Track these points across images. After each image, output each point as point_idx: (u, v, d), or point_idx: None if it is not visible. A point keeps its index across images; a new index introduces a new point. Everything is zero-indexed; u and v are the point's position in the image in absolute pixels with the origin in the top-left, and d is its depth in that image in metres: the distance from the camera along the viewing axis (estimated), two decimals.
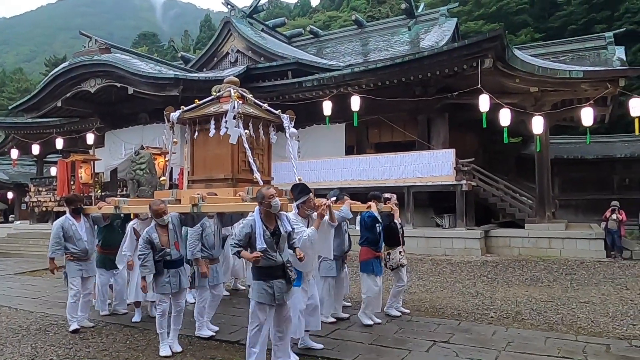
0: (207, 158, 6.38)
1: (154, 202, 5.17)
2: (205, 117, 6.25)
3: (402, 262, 6.33)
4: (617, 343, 5.13)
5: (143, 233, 5.12)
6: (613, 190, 20.35)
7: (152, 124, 16.92)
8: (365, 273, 5.99)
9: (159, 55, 45.90)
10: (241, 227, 4.29)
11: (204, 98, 6.50)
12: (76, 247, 5.98)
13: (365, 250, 6.01)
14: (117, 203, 5.84)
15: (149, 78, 14.12)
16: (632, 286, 8.39)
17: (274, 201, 4.18)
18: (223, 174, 6.17)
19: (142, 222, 6.22)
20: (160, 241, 5.01)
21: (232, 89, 6.23)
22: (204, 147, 6.41)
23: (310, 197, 4.72)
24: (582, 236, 12.28)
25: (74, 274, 5.96)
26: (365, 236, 6.02)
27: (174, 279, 5.04)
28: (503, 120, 11.76)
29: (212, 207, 5.31)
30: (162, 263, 5.01)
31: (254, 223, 4.17)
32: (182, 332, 5.28)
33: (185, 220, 5.30)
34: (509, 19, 33.85)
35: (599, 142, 21.20)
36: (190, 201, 5.00)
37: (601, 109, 14.04)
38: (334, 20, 45.64)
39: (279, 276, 4.20)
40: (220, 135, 5.98)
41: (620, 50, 15.86)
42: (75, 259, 5.98)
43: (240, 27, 19.24)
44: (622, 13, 30.83)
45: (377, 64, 14.32)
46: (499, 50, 12.08)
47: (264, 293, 4.16)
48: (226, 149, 6.10)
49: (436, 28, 19.94)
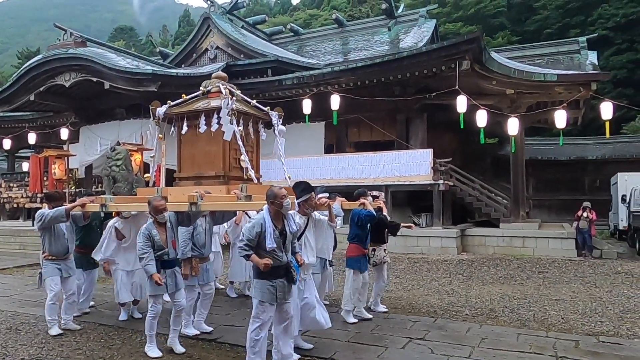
0: (196, 155, 6.18)
1: (154, 198, 5.00)
2: (195, 112, 6.03)
3: (385, 259, 6.45)
4: (586, 339, 5.29)
5: (142, 229, 4.89)
6: (584, 191, 20.94)
7: (129, 120, 16.67)
8: (352, 270, 6.01)
9: (137, 50, 45.10)
10: (250, 227, 4.15)
11: (182, 94, 6.38)
12: (57, 245, 5.67)
13: (354, 247, 6.03)
14: (104, 201, 5.60)
15: (126, 73, 13.90)
16: (600, 284, 8.65)
17: (285, 201, 4.13)
18: (214, 172, 5.99)
19: (124, 221, 6.02)
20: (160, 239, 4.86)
21: (221, 84, 6.08)
22: (193, 144, 6.21)
23: (312, 196, 4.70)
24: (555, 235, 12.60)
25: (51, 273, 5.63)
26: (356, 233, 6.01)
27: (170, 279, 4.89)
28: (480, 121, 11.97)
29: (213, 206, 5.13)
30: (159, 263, 4.84)
31: (264, 222, 4.10)
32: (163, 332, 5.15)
33: (180, 219, 5.15)
34: (487, 21, 34.44)
35: (571, 144, 21.80)
36: (188, 199, 4.85)
37: (574, 111, 14.42)
38: (315, 18, 45.65)
39: (282, 275, 4.16)
40: (209, 131, 5.80)
41: (593, 54, 16.31)
42: (54, 259, 5.67)
43: (220, 23, 19.07)
44: (596, 19, 31.69)
45: (357, 64, 14.40)
46: (477, 53, 12.29)
47: (267, 292, 4.11)
48: (217, 146, 5.92)
49: (416, 29, 20.13)
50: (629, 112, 21.10)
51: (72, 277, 5.87)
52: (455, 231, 12.79)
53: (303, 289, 4.73)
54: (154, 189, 5.82)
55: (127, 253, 6.02)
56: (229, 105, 5.55)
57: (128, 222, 6.01)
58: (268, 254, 4.08)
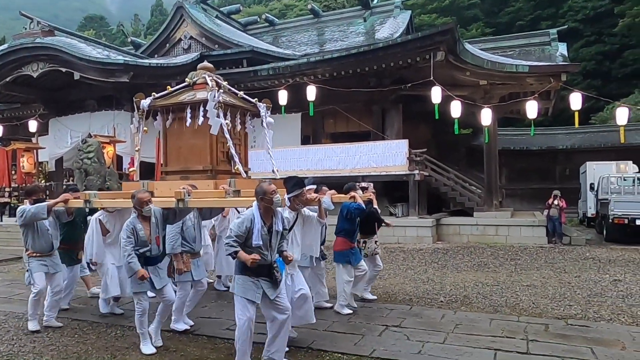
0: (182, 148, 5.97)
1: (139, 190, 4.85)
2: (181, 105, 5.82)
3: (377, 250, 6.49)
4: (555, 322, 5.46)
5: (125, 224, 4.73)
6: (555, 179, 21.51)
7: (101, 111, 16.31)
8: (341, 264, 5.95)
9: (107, 39, 44.01)
10: (240, 222, 4.05)
11: (155, 85, 6.27)
12: (40, 242, 5.45)
13: (342, 241, 5.95)
14: (88, 197, 5.36)
15: (97, 63, 13.58)
16: (570, 270, 8.93)
17: (275, 197, 4.04)
18: (201, 166, 5.80)
19: (109, 214, 5.85)
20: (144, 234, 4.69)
21: (208, 75, 5.89)
22: (179, 137, 5.98)
23: (303, 192, 4.62)
24: (526, 224, 12.93)
25: (37, 269, 5.42)
26: (344, 227, 5.93)
27: (154, 276, 4.75)
28: (454, 112, 12.12)
29: (201, 202, 4.99)
30: (142, 259, 4.67)
31: (254, 218, 4.00)
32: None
33: (166, 215, 4.97)
34: (461, 13, 34.79)
35: (542, 134, 22.30)
36: (175, 195, 4.70)
37: (545, 102, 14.76)
38: (290, 8, 45.27)
39: (265, 275, 4.07)
40: (196, 124, 5.63)
41: (563, 46, 16.67)
42: (39, 255, 5.45)
43: (193, 12, 18.75)
44: (566, 11, 32.38)
45: (333, 54, 14.40)
46: (451, 44, 12.42)
47: (248, 288, 4.03)
48: (204, 139, 5.74)
49: (391, 20, 20.19)
50: (597, 103, 21.71)
51: (58, 274, 5.66)
52: (430, 220, 12.99)
53: (292, 283, 4.63)
54: (140, 182, 5.63)
55: (112, 248, 5.89)
56: (215, 98, 5.38)
57: (113, 216, 5.84)
58: (255, 251, 3.99)
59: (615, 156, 18.30)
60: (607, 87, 28.79)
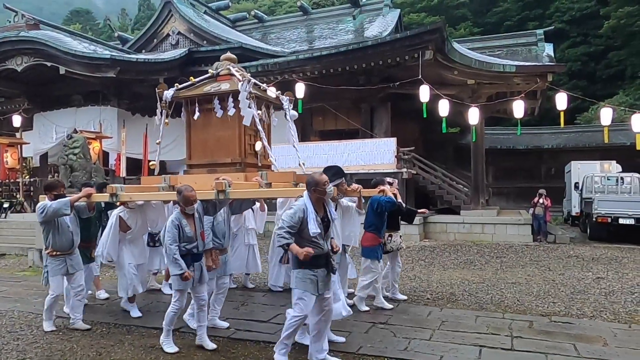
0: (208, 141, 5.74)
1: (186, 188, 4.59)
2: (207, 96, 5.60)
3: (401, 245, 6.43)
4: (539, 319, 5.54)
5: (170, 220, 4.55)
6: (541, 178, 21.76)
7: (87, 107, 16.11)
8: (369, 259, 5.85)
9: (94, 34, 43.43)
10: (292, 213, 3.94)
11: (143, 80, 6.19)
12: (61, 239, 5.22)
13: (372, 237, 5.83)
14: (115, 190, 5.15)
15: (83, 58, 13.41)
16: (554, 267, 9.06)
17: (329, 187, 4.00)
18: (229, 158, 5.58)
19: (130, 210, 5.61)
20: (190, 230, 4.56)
21: (232, 66, 5.74)
22: (204, 129, 5.75)
23: (343, 181, 4.53)
24: (512, 222, 13.08)
25: (55, 272, 5.22)
26: (373, 222, 5.81)
27: (197, 273, 4.64)
28: (442, 111, 12.14)
29: (242, 193, 4.86)
30: (189, 256, 4.55)
31: (306, 208, 3.93)
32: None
33: (206, 208, 4.87)
34: (450, 12, 34.98)
35: (529, 133, 22.55)
36: (216, 186, 4.58)
37: (531, 102, 14.91)
38: (279, 5, 45.12)
39: (322, 265, 4.01)
40: (227, 116, 5.44)
41: (550, 47, 16.86)
42: (59, 254, 5.22)
43: (181, 8, 18.61)
44: (553, 12, 32.73)
45: (322, 52, 14.39)
46: (439, 43, 12.49)
47: (308, 282, 3.95)
48: (231, 131, 5.54)
49: (380, 18, 20.25)
50: (582, 103, 21.99)
51: (79, 272, 5.41)
52: (417, 218, 13.05)
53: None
54: (162, 177, 5.40)
55: (132, 245, 5.74)
56: (247, 89, 5.20)
57: (134, 212, 5.63)
58: (309, 242, 3.92)
59: (599, 156, 18.56)
60: (592, 88, 29.18)
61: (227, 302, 6.28)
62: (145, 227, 5.90)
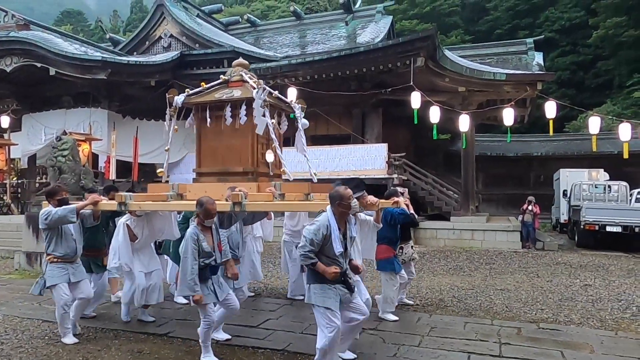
0: (219, 149, 5.56)
1: (208, 200, 4.35)
2: (219, 103, 5.41)
3: (414, 256, 6.39)
4: (527, 326, 5.57)
5: (189, 235, 4.32)
6: (530, 186, 21.95)
7: (77, 108, 15.98)
8: (386, 272, 5.76)
9: (85, 35, 43.20)
10: (315, 229, 3.76)
11: (134, 83, 6.13)
12: (64, 246, 4.99)
13: (385, 249, 5.68)
14: (124, 198, 4.92)
15: (74, 59, 13.32)
16: (542, 274, 9.13)
17: (354, 202, 3.87)
18: (241, 167, 5.41)
19: (137, 218, 5.36)
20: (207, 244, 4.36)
21: (244, 73, 5.59)
22: (215, 137, 5.56)
23: (364, 194, 4.40)
24: (501, 228, 13.18)
25: (58, 279, 4.92)
26: (386, 234, 5.61)
27: (217, 286, 4.48)
28: (433, 118, 12.23)
29: (260, 206, 4.68)
30: (208, 269, 4.37)
31: (329, 224, 3.75)
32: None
33: (221, 220, 4.69)
34: (442, 20, 35.29)
35: (518, 141, 22.76)
36: (232, 198, 4.44)
37: (521, 109, 15.06)
38: (272, 10, 45.25)
39: (340, 281, 3.87)
40: (234, 123, 5.29)
41: (540, 55, 17.07)
42: (61, 261, 4.96)
43: (174, 11, 18.56)
44: (543, 21, 33.16)
45: (315, 57, 14.44)
46: (431, 50, 12.59)
47: (328, 297, 3.79)
48: (243, 139, 5.38)
49: (372, 25, 20.36)
50: (571, 112, 22.25)
51: (83, 282, 5.15)
52: None
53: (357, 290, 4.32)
54: (170, 185, 5.28)
55: (140, 254, 5.51)
56: (262, 96, 5.06)
57: (141, 220, 5.39)
58: (330, 259, 3.77)
59: (587, 164, 18.78)
60: (581, 97, 29.57)
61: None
62: (152, 236, 5.61)
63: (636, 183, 18.75)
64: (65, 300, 4.90)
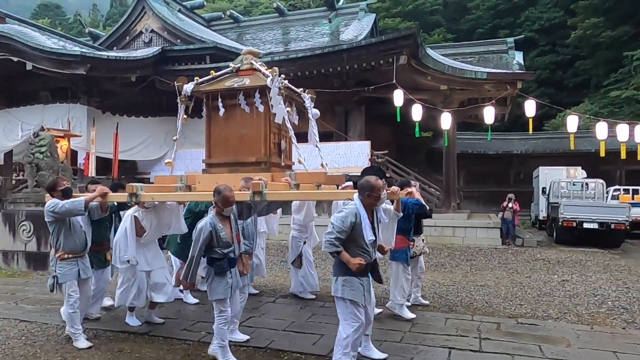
0: (230, 138, 5.35)
1: (225, 188, 4.21)
2: (232, 91, 5.21)
3: (425, 249, 6.34)
4: (507, 321, 5.67)
5: (204, 224, 4.15)
6: (510, 183, 22.29)
7: (55, 104, 15.63)
8: (399, 262, 5.70)
9: (63, 29, 42.39)
10: (343, 217, 3.68)
11: (114, 78, 6.00)
12: (73, 240, 4.77)
13: (400, 239, 5.56)
14: (135, 189, 4.69)
15: (52, 54, 13.02)
16: (521, 270, 9.29)
17: (383, 193, 3.82)
18: (254, 157, 5.22)
19: (145, 210, 5.13)
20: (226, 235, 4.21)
21: (255, 61, 5.43)
22: (226, 126, 5.36)
23: (385, 183, 4.31)
24: (482, 225, 13.35)
25: (69, 276, 4.71)
26: (400, 224, 5.45)
27: (235, 279, 4.33)
28: (415, 115, 12.35)
29: (281, 195, 4.54)
30: (226, 261, 4.21)
31: (359, 212, 3.70)
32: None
33: (240, 211, 4.55)
34: (424, 18, 35.52)
35: (499, 139, 23.10)
36: (253, 187, 4.28)
37: (502, 108, 15.25)
38: (255, 6, 44.99)
39: (366, 274, 3.82)
40: (245, 113, 5.15)
41: (520, 55, 17.31)
42: (71, 257, 4.76)
43: (155, 5, 18.32)
44: (523, 21, 33.63)
45: (298, 54, 14.39)
46: (414, 48, 12.66)
47: (356, 290, 3.72)
48: (257, 128, 5.20)
49: (356, 22, 20.39)
50: (550, 110, 22.64)
51: (89, 279, 4.98)
52: None
53: None
54: (178, 176, 5.12)
55: (145, 250, 5.25)
56: (277, 84, 4.87)
57: (149, 212, 5.13)
58: (358, 249, 3.72)
59: (565, 162, 19.16)
60: (560, 96, 30.08)
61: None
62: (159, 230, 5.36)
63: (612, 180, 19.27)
64: (74, 298, 4.72)
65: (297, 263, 6.52)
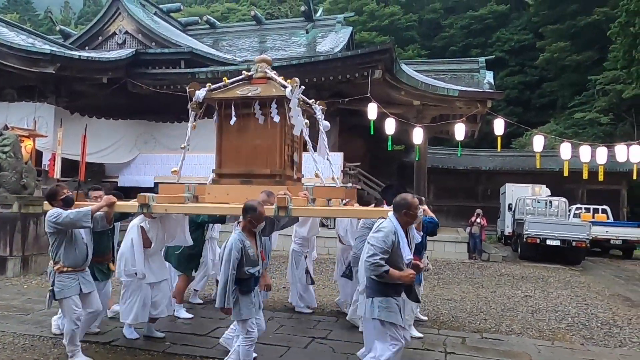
0: (242, 149, 5.14)
1: (259, 203, 4.02)
2: (246, 100, 5.00)
3: (428, 267, 6.25)
4: (472, 335, 5.77)
5: (234, 241, 3.94)
6: (478, 198, 22.79)
7: (21, 102, 15.14)
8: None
9: (33, 25, 41.20)
10: (384, 236, 3.56)
11: (84, 79, 5.85)
12: (75, 253, 4.42)
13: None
14: (147, 200, 4.44)
15: (19, 51, 12.68)
16: (487, 285, 9.48)
17: (420, 211, 3.74)
18: (269, 169, 5.01)
19: (151, 221, 4.91)
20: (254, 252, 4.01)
21: (269, 70, 5.30)
22: (239, 136, 5.15)
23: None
24: (450, 239, 13.57)
25: (71, 291, 4.35)
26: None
27: (257, 298, 4.17)
28: (388, 129, 12.49)
29: (305, 211, 4.36)
30: (252, 280, 4.02)
31: (396, 230, 3.60)
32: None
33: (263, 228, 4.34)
34: (399, 33, 36.21)
35: (468, 155, 23.62)
36: (279, 202, 4.11)
37: (472, 125, 15.64)
38: (233, 12, 44.89)
39: (401, 293, 3.73)
40: (258, 123, 4.97)
41: (490, 74, 17.83)
42: (71, 270, 4.40)
43: (130, 7, 18.05)
44: (494, 41, 34.72)
45: (274, 64, 14.38)
46: (389, 63, 12.88)
47: (394, 312, 3.59)
48: (272, 139, 5.01)
49: (332, 34, 20.60)
50: (518, 129, 23.34)
51: (93, 293, 4.58)
52: None
53: None
54: (184, 185, 4.88)
55: (151, 262, 5.00)
56: (296, 95, 4.74)
57: (155, 222, 4.91)
58: (397, 269, 3.58)
59: (531, 179, 19.74)
60: (527, 115, 31.08)
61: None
62: (164, 241, 5.16)
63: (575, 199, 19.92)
64: (77, 314, 4.36)
65: (308, 280, 6.44)
